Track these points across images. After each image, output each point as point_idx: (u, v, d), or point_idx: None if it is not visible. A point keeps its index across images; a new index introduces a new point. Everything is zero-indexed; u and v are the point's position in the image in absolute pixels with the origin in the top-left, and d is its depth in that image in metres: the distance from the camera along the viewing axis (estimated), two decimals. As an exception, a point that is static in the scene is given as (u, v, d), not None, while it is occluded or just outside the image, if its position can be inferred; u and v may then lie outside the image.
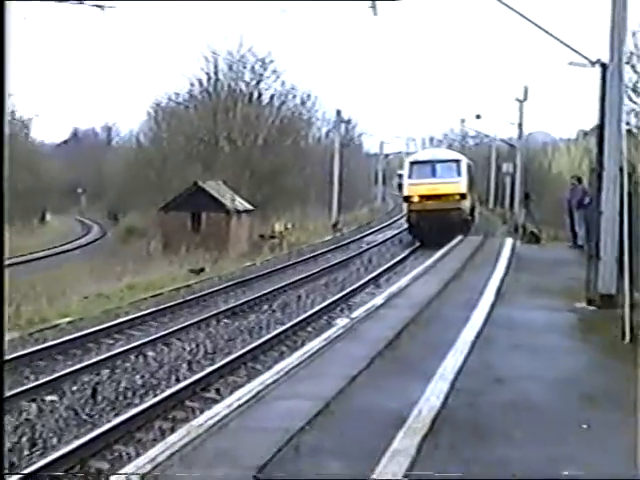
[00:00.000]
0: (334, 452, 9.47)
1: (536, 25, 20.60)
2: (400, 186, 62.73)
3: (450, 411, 11.03)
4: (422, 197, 54.55)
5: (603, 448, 9.72)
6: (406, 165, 59.07)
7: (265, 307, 33.13)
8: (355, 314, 19.95)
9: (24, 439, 17.25)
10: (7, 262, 51.08)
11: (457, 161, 58.10)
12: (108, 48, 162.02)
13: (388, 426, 10.12)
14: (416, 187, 55.49)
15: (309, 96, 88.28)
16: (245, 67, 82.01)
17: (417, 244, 56.72)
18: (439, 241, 43.83)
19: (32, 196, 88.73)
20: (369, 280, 38.52)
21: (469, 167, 60.14)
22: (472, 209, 64.15)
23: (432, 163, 57.15)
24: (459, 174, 56.18)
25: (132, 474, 6.04)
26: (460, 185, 55.57)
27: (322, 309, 30.47)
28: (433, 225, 51.89)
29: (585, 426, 10.52)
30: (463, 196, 55.31)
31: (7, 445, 17.16)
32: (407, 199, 57.47)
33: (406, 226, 62.07)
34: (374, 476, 8.53)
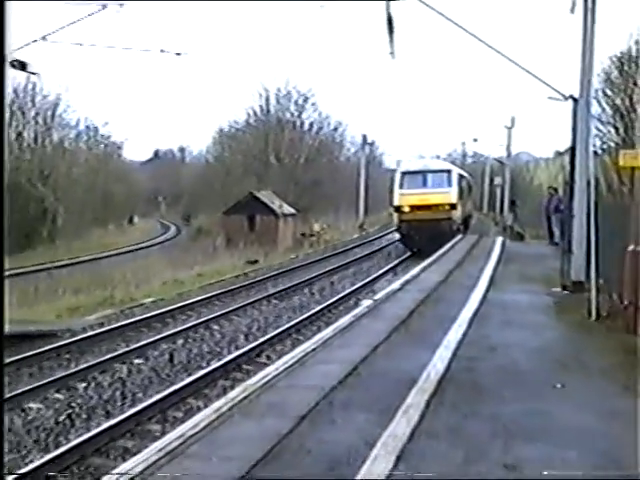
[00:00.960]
0: (360, 406, 9.48)
1: (523, 69, 20.53)
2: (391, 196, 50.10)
3: (452, 374, 11.03)
4: (412, 207, 45.80)
5: (574, 403, 9.71)
6: (397, 175, 48.91)
7: (305, 291, 33.15)
8: (377, 296, 19.94)
9: (117, 394, 17.36)
10: (105, 254, 51.35)
11: (448, 171, 49.01)
12: (183, 85, 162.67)
13: (403, 386, 10.13)
14: (406, 197, 46.54)
15: (340, 124, 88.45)
16: (290, 101, 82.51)
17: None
18: (430, 250, 35.83)
19: (123, 203, 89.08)
20: (388, 269, 38.49)
21: (460, 177, 51.24)
22: (467, 217, 58.12)
23: (423, 173, 48.00)
24: (449, 184, 47.29)
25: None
26: (450, 195, 46.67)
27: (351, 292, 30.48)
28: (423, 235, 43.71)
29: (559, 385, 10.51)
30: (453, 206, 46.45)
31: (104, 396, 17.30)
32: (397, 209, 47.61)
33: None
34: (392, 425, 8.56)
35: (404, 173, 48.35)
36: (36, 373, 19.26)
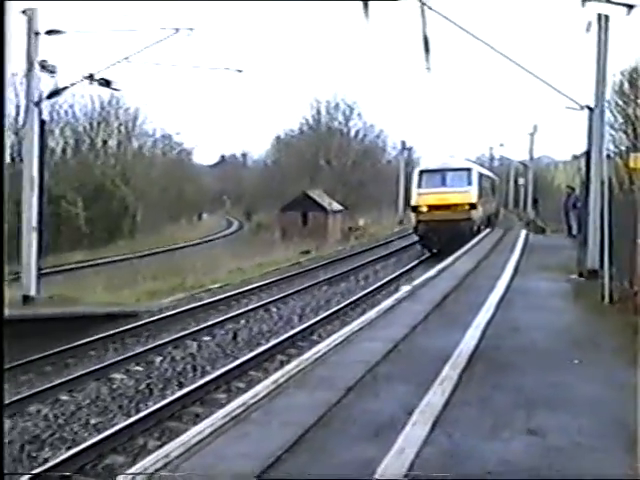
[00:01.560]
0: (400, 378, 9.47)
1: (545, 82, 20.39)
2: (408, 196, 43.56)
3: (481, 351, 10.98)
4: (430, 207, 39.46)
5: (587, 376, 9.65)
6: (415, 174, 42.51)
7: (352, 278, 33.13)
8: (415, 283, 19.88)
9: (188, 367, 17.46)
10: (178, 246, 51.58)
11: (468, 170, 41.73)
12: (245, 98, 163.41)
13: (438, 361, 10.10)
14: (425, 197, 40.04)
15: (382, 131, 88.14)
16: (338, 111, 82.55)
17: None
18: (449, 252, 30.92)
19: (193, 202, 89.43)
20: (425, 259, 38.35)
21: (482, 176, 44.09)
22: (492, 215, 52.62)
23: (442, 172, 41.26)
24: (470, 183, 40.56)
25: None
26: (470, 195, 40.09)
27: (392, 279, 30.39)
28: (442, 236, 37.87)
29: (576, 361, 10.44)
30: (473, 206, 40.04)
31: (177, 368, 17.41)
32: (415, 209, 40.93)
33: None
34: (429, 396, 8.54)
35: (422, 172, 41.92)
36: (120, 348, 19.46)
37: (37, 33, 22.77)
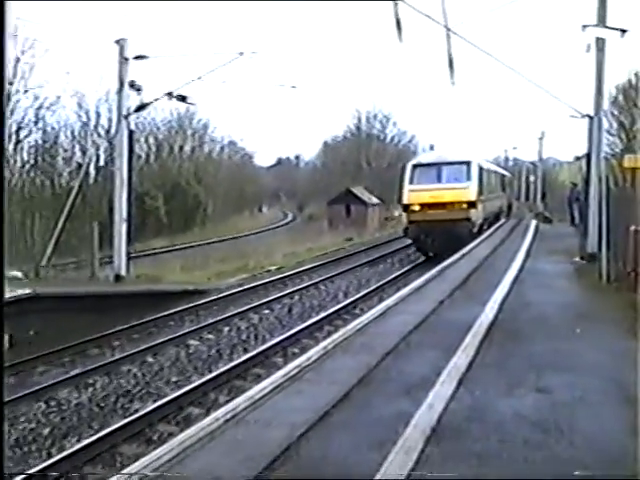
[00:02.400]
0: (430, 345, 9.46)
1: (553, 96, 20.28)
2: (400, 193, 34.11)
3: (498, 322, 10.93)
4: (423, 205, 31.00)
5: (589, 343, 9.58)
6: (407, 168, 33.00)
7: (389, 260, 33.10)
8: (442, 265, 19.78)
9: (251, 335, 17.57)
10: (241, 234, 51.72)
11: (467, 163, 32.44)
12: (298, 109, 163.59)
13: (461, 331, 10.07)
14: (417, 194, 31.40)
15: (414, 136, 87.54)
16: (376, 120, 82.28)
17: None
18: (444, 255, 23.56)
19: (254, 197, 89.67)
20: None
21: (482, 170, 33.79)
22: (506, 208, 47.75)
23: (437, 166, 32.34)
24: (469, 178, 31.69)
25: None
26: (469, 191, 31.31)
27: (422, 262, 30.23)
28: (436, 239, 30.06)
29: (578, 331, 10.37)
30: (473, 204, 31.22)
31: (242, 337, 17.52)
32: (406, 208, 31.86)
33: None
34: (454, 359, 8.53)
35: (415, 166, 32.52)
36: (194, 319, 19.60)
37: (126, 59, 23.15)
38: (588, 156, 20.06)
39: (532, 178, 70.36)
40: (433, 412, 6.60)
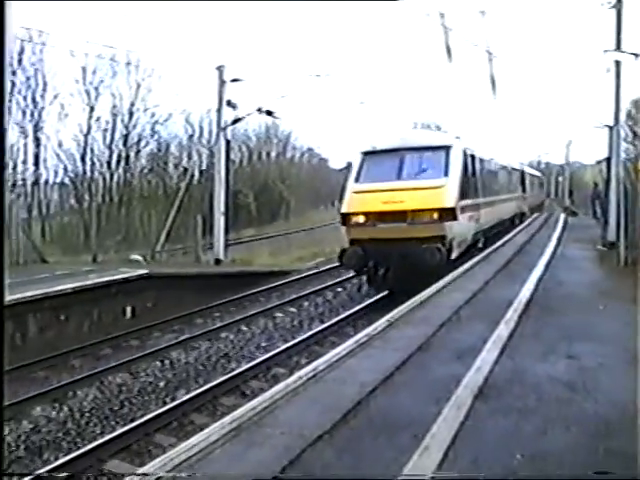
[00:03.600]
0: (477, 318, 9.34)
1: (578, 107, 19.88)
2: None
3: (535, 299, 10.74)
4: (371, 216, 15.28)
5: (611, 316, 9.40)
6: (355, 159, 16.88)
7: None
8: (487, 251, 19.49)
9: (326, 309, 17.64)
10: (318, 225, 51.94)
11: (445, 149, 16.00)
12: (365, 124, 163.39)
13: (503, 306, 9.94)
14: (362, 197, 15.52)
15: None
16: (429, 128, 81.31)
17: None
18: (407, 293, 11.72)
19: (328, 194, 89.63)
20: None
21: (470, 160, 17.38)
22: (537, 207, 40.23)
23: (398, 154, 15.83)
24: (445, 172, 15.58)
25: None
26: (445, 192, 15.35)
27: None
28: (391, 269, 15.38)
29: (601, 307, 10.17)
30: (451, 214, 15.28)
31: (319, 310, 17.59)
32: (345, 219, 16.02)
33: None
34: (498, 330, 8.45)
35: (366, 154, 16.79)
36: (280, 295, 19.76)
37: (224, 82, 23.57)
38: (608, 160, 19.89)
39: (560, 178, 69.38)
40: (480, 374, 6.56)
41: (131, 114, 34.20)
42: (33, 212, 30.50)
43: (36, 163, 31.47)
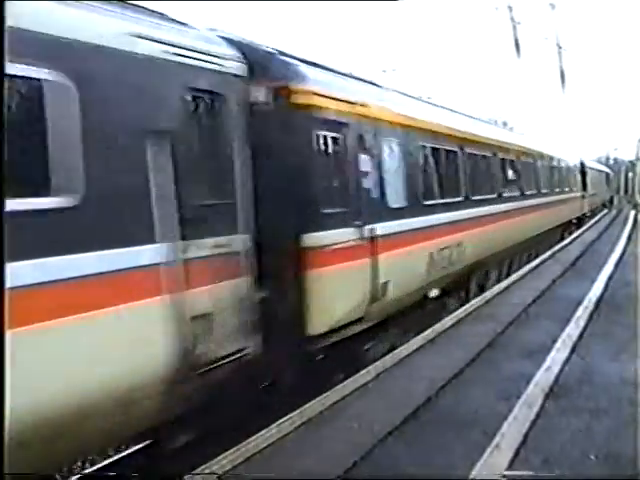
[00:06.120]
0: (546, 316, 9.18)
1: None
2: None
3: (604, 298, 10.46)
4: None
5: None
6: None
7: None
8: (553, 249, 18.99)
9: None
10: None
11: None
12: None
13: (573, 305, 9.71)
14: None
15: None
16: (497, 124, 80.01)
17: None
18: None
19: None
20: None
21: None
22: (600, 206, 40.38)
23: None
24: None
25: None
26: None
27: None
28: None
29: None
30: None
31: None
32: None
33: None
34: (568, 329, 8.25)
35: None
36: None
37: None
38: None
39: (630, 174, 67.44)
40: (550, 373, 6.42)
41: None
42: None
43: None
